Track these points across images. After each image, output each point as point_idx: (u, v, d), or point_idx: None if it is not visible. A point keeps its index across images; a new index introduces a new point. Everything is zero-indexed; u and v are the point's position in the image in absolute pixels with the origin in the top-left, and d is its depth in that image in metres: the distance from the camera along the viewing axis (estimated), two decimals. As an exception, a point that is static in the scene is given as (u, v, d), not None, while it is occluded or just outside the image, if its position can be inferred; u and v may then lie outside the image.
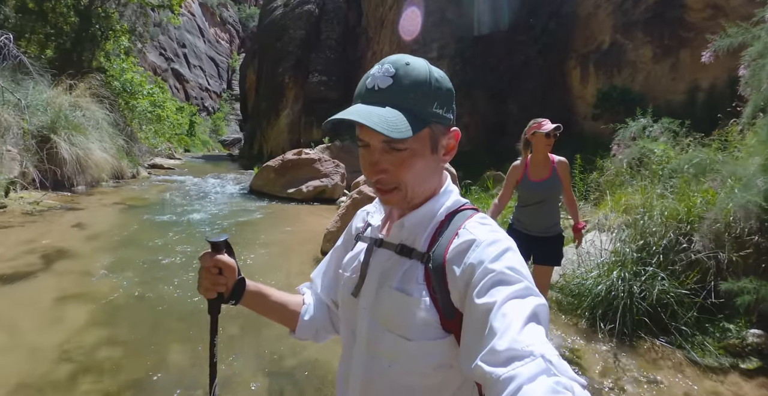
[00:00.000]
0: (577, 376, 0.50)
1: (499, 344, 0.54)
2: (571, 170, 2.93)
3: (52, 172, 8.28)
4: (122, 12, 16.25)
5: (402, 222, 0.80)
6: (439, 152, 0.77)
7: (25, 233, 5.21)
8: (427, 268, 0.74)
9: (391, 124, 0.66)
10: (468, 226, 0.75)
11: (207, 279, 0.87)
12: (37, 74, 8.92)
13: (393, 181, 0.75)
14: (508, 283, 0.62)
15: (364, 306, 0.81)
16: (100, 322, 3.08)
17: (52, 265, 4.12)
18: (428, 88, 0.70)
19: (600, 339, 3.11)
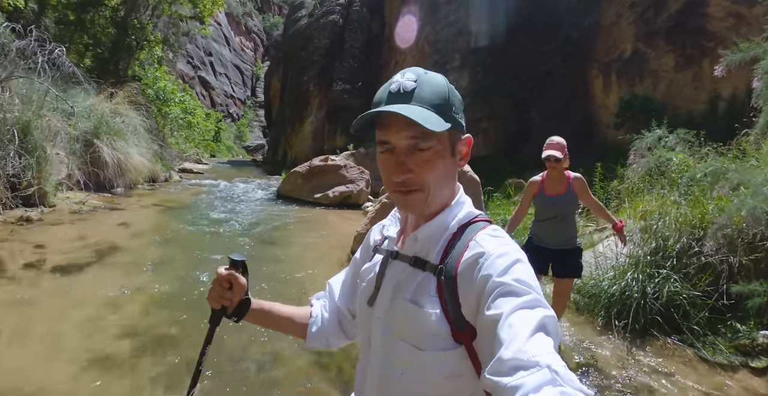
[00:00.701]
0: (584, 387, 0.49)
1: (505, 354, 0.55)
2: (586, 185, 3.01)
3: (95, 175, 8.82)
4: (155, 23, 17.00)
5: (415, 235, 0.82)
6: (456, 156, 0.80)
7: (76, 230, 5.66)
8: (439, 280, 0.75)
9: (425, 117, 0.69)
10: (479, 239, 0.76)
11: (216, 291, 0.94)
12: (86, 83, 9.53)
13: (417, 182, 0.76)
14: (516, 295, 0.63)
15: (379, 315, 0.84)
16: (153, 308, 3.44)
17: (105, 259, 4.53)
18: (446, 94, 0.75)
19: (615, 336, 3.32)
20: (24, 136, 6.79)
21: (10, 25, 7.73)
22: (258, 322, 1.01)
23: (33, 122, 7.12)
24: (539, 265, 3.00)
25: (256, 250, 5.62)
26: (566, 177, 2.97)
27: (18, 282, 3.70)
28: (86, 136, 8.98)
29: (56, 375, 2.39)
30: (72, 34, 14.23)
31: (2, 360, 2.51)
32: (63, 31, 13.88)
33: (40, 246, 4.69)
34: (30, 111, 7.26)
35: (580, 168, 6.89)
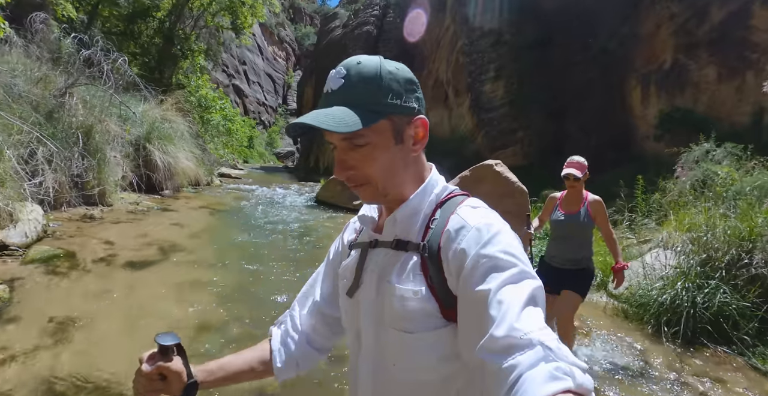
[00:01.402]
0: (578, 361, 0.50)
1: (497, 332, 0.54)
2: (604, 209, 2.92)
3: (147, 177, 9.33)
4: (198, 33, 17.75)
5: (394, 216, 0.80)
6: (406, 142, 0.77)
7: (135, 229, 6.04)
8: (423, 258, 0.74)
9: (338, 120, 0.68)
10: (459, 212, 0.75)
11: (141, 384, 0.79)
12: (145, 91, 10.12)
13: (361, 177, 0.76)
14: (502, 269, 0.62)
15: (366, 307, 0.82)
16: (220, 301, 3.70)
17: (169, 256, 4.85)
18: (379, 81, 0.72)
19: (664, 343, 3.40)
20: (87, 140, 7.29)
21: (78, 36, 8.32)
22: (219, 385, 0.89)
23: (95, 126, 7.63)
24: (546, 282, 2.79)
25: (308, 253, 5.87)
26: (583, 197, 2.95)
27: (96, 275, 4.04)
28: (139, 140, 9.52)
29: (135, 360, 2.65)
30: (121, 44, 15.05)
31: (89, 344, 2.79)
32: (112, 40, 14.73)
33: (108, 242, 5.05)
34: (92, 116, 7.79)
35: (620, 180, 6.99)
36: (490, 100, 14.35)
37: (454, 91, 16.34)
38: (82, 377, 2.41)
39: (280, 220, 8.00)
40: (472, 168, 4.93)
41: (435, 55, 18.17)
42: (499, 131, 13.84)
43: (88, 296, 3.53)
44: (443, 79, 17.06)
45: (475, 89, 14.84)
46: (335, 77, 0.73)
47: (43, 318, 3.04)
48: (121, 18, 16.03)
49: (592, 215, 2.89)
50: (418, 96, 0.77)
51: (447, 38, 17.11)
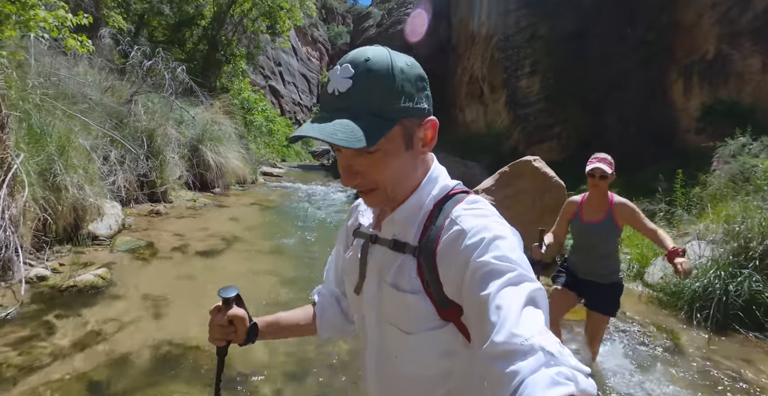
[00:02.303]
0: (581, 365, 0.50)
1: (497, 338, 0.54)
2: (635, 212, 2.50)
3: (200, 176, 10.04)
4: (239, 38, 18.53)
5: (392, 217, 0.80)
6: (415, 146, 0.74)
7: (198, 223, 6.63)
8: (419, 261, 0.74)
9: (349, 133, 0.64)
10: (455, 215, 0.73)
11: (217, 331, 0.92)
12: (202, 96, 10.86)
13: (369, 184, 0.74)
14: (500, 274, 0.61)
15: (369, 303, 0.84)
16: (284, 286, 4.16)
17: (233, 246, 5.39)
18: (392, 83, 0.67)
19: (696, 327, 3.59)
20: (150, 142, 7.98)
21: (140, 48, 9.07)
22: (269, 337, 1.02)
23: (156, 130, 8.33)
24: (566, 283, 2.76)
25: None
26: (609, 201, 2.54)
27: (174, 261, 4.59)
28: (193, 142, 10.24)
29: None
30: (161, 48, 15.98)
31: (178, 315, 3.28)
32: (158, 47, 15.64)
33: (178, 234, 5.64)
34: (154, 120, 8.50)
35: (660, 174, 7.02)
36: (526, 96, 14.35)
37: (490, 87, 16.39)
38: (177, 340, 2.90)
39: (326, 215, 8.48)
40: (511, 164, 5.18)
41: (470, 52, 18.22)
42: (535, 126, 13.84)
43: (171, 278, 4.07)
44: (478, 75, 17.12)
45: (510, 85, 14.87)
46: (341, 77, 0.67)
47: (139, 295, 3.57)
48: (168, 27, 16.99)
49: (620, 222, 2.51)
50: (428, 94, 0.74)
51: (481, 35, 17.15)
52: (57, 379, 2.33)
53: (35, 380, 2.31)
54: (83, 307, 3.24)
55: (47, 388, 2.26)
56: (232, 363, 2.60)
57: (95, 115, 6.28)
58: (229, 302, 0.93)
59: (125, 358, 2.61)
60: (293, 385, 2.53)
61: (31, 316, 3.01)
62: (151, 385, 2.37)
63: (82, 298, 3.36)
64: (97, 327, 2.95)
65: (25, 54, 5.64)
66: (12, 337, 2.73)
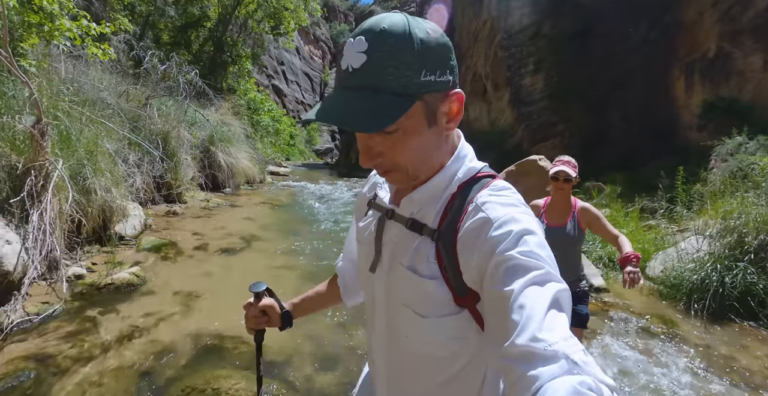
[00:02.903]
0: (606, 377, 0.47)
1: (519, 340, 0.52)
2: (597, 216, 2.47)
3: (212, 176, 10.31)
4: (244, 39, 18.73)
5: (411, 196, 0.77)
6: (439, 122, 0.70)
7: (215, 222, 6.87)
8: (438, 246, 0.71)
9: (366, 115, 0.61)
10: (480, 201, 0.69)
11: (252, 321, 1.05)
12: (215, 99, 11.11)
13: (390, 164, 0.71)
14: (526, 270, 0.58)
15: (380, 280, 0.82)
16: (304, 281, 4.39)
17: (251, 244, 5.63)
18: (411, 55, 0.61)
19: (694, 317, 3.82)
20: (165, 144, 8.22)
21: (156, 53, 9.31)
22: (303, 314, 1.13)
23: (170, 132, 8.57)
24: None
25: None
26: (572, 205, 2.51)
27: (198, 260, 4.83)
28: (204, 143, 10.50)
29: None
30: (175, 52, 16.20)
31: (209, 310, 3.52)
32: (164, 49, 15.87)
33: (197, 233, 5.88)
34: (168, 123, 8.74)
35: (661, 171, 7.21)
36: (529, 94, 14.54)
37: (493, 85, 16.56)
38: (213, 331, 3.14)
39: (336, 213, 8.72)
40: (518, 163, 5.41)
41: (473, 50, 18.40)
42: (539, 124, 14.03)
43: (198, 275, 4.31)
44: (482, 73, 17.30)
45: (514, 83, 15.05)
46: (354, 51, 0.63)
47: (170, 292, 3.82)
48: (174, 29, 17.20)
49: (583, 227, 2.48)
50: (453, 64, 0.68)
51: (485, 33, 17.31)
52: (111, 369, 2.57)
53: (90, 369, 2.55)
54: (121, 303, 3.48)
55: (103, 376, 2.50)
56: (267, 351, 2.84)
57: (116, 120, 6.52)
58: (260, 296, 1.05)
59: (168, 349, 2.85)
60: (324, 372, 2.77)
61: (75, 313, 3.26)
62: (195, 371, 2.61)
63: (119, 295, 3.61)
64: (138, 321, 3.20)
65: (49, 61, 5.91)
66: (62, 331, 2.97)
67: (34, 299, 3.29)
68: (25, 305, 3.16)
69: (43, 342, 2.80)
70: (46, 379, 2.43)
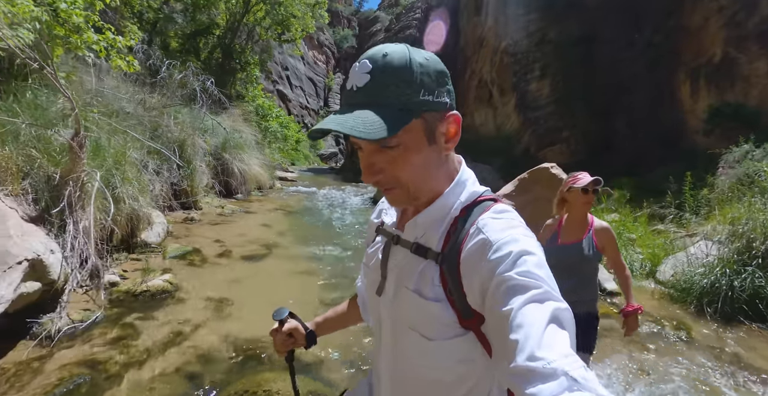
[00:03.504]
0: (605, 392, 0.48)
1: (518, 359, 0.53)
2: (614, 238, 2.40)
3: (225, 183, 10.51)
4: (252, 47, 18.98)
5: (415, 220, 0.79)
6: (438, 141, 0.73)
7: (233, 229, 7.04)
8: (442, 269, 0.73)
9: (368, 125, 0.64)
10: (481, 224, 0.71)
11: (280, 345, 1.12)
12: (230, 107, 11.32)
13: (391, 181, 0.73)
14: (524, 289, 0.60)
15: (386, 304, 0.84)
16: (325, 282, 4.57)
17: (271, 251, 5.80)
18: (410, 76, 0.67)
19: (706, 319, 3.97)
20: (181, 152, 8.42)
21: (171, 62, 9.54)
22: (325, 332, 1.18)
23: (186, 140, 8.78)
24: None
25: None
26: (589, 223, 2.40)
27: (224, 267, 5.01)
28: (217, 150, 10.71)
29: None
30: (184, 60, 16.44)
31: (241, 316, 3.68)
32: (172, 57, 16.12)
33: (218, 240, 6.06)
34: (184, 131, 8.95)
35: (669, 176, 7.35)
36: (535, 99, 14.70)
37: (499, 91, 16.74)
38: (248, 336, 3.31)
39: (348, 219, 8.91)
40: (529, 171, 5.55)
41: (477, 56, 18.59)
42: (545, 129, 14.18)
43: (225, 282, 4.48)
44: (487, 79, 17.48)
45: (520, 88, 15.23)
46: (359, 72, 0.68)
47: (202, 298, 3.99)
48: (184, 36, 17.47)
49: (599, 246, 2.35)
50: (449, 89, 0.73)
51: (490, 39, 17.50)
52: (160, 373, 2.73)
53: (140, 375, 2.71)
54: (158, 309, 3.66)
55: (153, 381, 2.66)
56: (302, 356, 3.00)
57: (138, 129, 6.72)
58: (283, 322, 1.12)
59: (210, 354, 3.02)
60: (353, 372, 2.93)
61: (116, 319, 3.42)
62: (242, 375, 2.78)
63: (154, 302, 3.78)
64: (176, 327, 3.37)
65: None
66: (106, 337, 3.14)
67: (74, 306, 3.46)
68: (69, 313, 3.33)
69: (91, 348, 2.97)
70: (99, 384, 2.59)
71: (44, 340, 2.96)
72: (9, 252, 2.49)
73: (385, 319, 0.85)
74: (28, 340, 2.96)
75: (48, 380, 2.56)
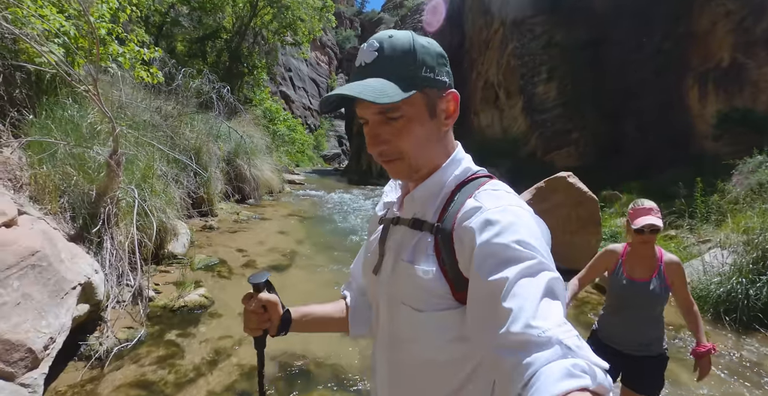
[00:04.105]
0: (599, 360, 0.49)
1: (513, 328, 0.53)
2: (683, 273, 2.20)
3: (238, 189, 10.66)
4: (259, 51, 19.07)
5: (412, 195, 0.82)
6: (439, 117, 0.78)
7: (251, 237, 7.16)
8: (436, 238, 0.75)
9: (377, 91, 0.69)
10: (478, 195, 0.74)
11: (252, 320, 0.93)
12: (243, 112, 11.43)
13: (395, 151, 0.77)
14: (518, 260, 0.60)
15: (383, 282, 0.84)
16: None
17: (293, 261, 5.94)
18: (413, 54, 0.73)
19: (722, 327, 4.13)
20: (197, 159, 8.56)
21: (188, 70, 9.68)
22: (301, 330, 1.02)
23: (202, 147, 8.93)
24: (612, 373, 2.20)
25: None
26: (658, 257, 2.20)
27: (249, 277, 5.14)
28: (230, 156, 10.86)
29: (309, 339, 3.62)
30: (192, 63, 16.53)
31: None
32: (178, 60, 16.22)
33: (240, 250, 6.20)
34: (199, 138, 9.10)
35: (679, 181, 7.45)
36: (543, 102, 14.78)
37: (506, 93, 16.81)
38: (292, 351, 3.43)
39: (361, 225, 9.03)
40: (546, 180, 5.68)
41: (483, 58, 18.66)
42: (553, 132, 14.26)
43: (253, 294, 4.61)
44: (494, 81, 17.55)
45: (527, 91, 15.30)
46: (368, 50, 0.75)
47: (236, 313, 4.09)
48: (191, 40, 17.58)
49: (670, 283, 2.17)
50: (448, 71, 0.79)
51: (496, 41, 17.56)
52: (208, 392, 2.84)
53: (192, 394, 2.83)
54: (197, 325, 3.77)
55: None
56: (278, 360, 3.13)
57: (162, 140, 6.87)
58: (260, 288, 0.95)
59: (254, 372, 3.13)
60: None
61: (158, 337, 3.52)
62: (290, 390, 2.91)
63: (192, 317, 3.90)
64: (218, 344, 3.48)
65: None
66: (153, 356, 3.23)
67: (115, 324, 3.58)
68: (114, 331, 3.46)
69: (139, 368, 3.08)
70: (156, 404, 2.72)
71: (94, 361, 3.03)
72: (65, 278, 2.61)
73: (382, 300, 0.86)
74: (77, 362, 3.02)
75: (109, 401, 2.69)
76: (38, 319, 2.15)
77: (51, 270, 2.47)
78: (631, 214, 2.19)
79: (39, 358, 2.14)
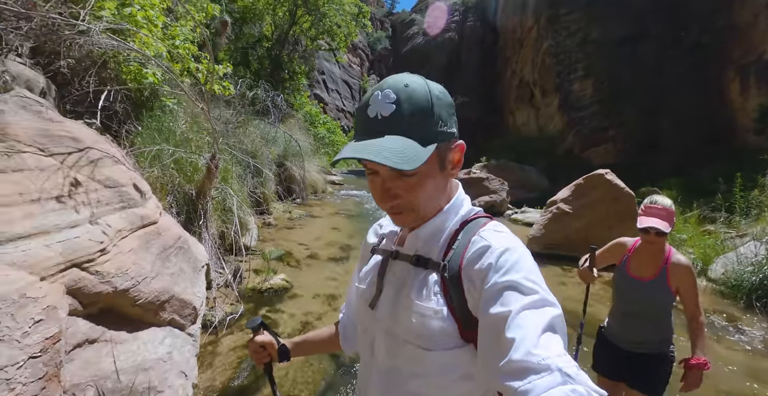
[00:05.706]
0: (598, 388, 0.50)
1: (514, 356, 0.56)
2: (694, 278, 2.04)
3: (288, 189, 11.45)
4: (298, 57, 19.91)
5: (417, 233, 0.84)
6: (446, 168, 0.79)
7: (308, 233, 7.85)
8: (443, 277, 0.76)
9: (398, 154, 0.67)
10: (482, 234, 0.77)
11: (256, 357, 1.14)
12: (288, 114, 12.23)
13: (406, 206, 0.78)
14: (523, 294, 0.63)
15: (382, 318, 0.84)
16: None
17: (350, 253, 6.57)
18: (430, 109, 0.72)
19: (755, 313, 4.46)
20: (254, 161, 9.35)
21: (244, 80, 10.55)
22: (301, 354, 1.18)
23: (258, 151, 9.73)
24: (608, 367, 2.26)
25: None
26: (664, 257, 2.07)
27: (317, 267, 5.82)
28: (280, 158, 11.68)
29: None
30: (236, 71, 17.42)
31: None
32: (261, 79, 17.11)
33: (301, 244, 6.89)
34: (255, 143, 9.91)
35: (718, 177, 7.63)
36: (579, 99, 14.94)
37: (541, 91, 17.01)
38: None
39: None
40: (584, 177, 6.09)
41: (518, 56, 18.88)
42: (590, 129, 14.41)
43: (326, 280, 5.27)
44: (529, 79, 17.77)
45: (563, 89, 15.49)
46: (384, 102, 0.71)
47: (313, 294, 4.77)
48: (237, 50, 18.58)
49: (672, 287, 2.04)
50: (456, 119, 0.79)
51: (531, 39, 17.77)
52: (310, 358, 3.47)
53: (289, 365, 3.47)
54: (282, 303, 4.46)
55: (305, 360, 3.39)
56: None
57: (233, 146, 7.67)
58: (256, 330, 1.16)
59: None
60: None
61: (254, 312, 4.20)
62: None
63: (277, 297, 4.59)
64: (303, 318, 4.13)
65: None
66: (252, 331, 3.93)
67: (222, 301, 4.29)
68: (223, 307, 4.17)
69: (246, 335, 3.68)
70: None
71: (210, 328, 3.70)
72: (197, 258, 3.30)
73: (379, 335, 0.85)
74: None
75: (228, 359, 3.36)
76: (192, 286, 2.82)
77: (190, 251, 3.16)
78: (643, 210, 2.09)
79: (198, 315, 2.82)
